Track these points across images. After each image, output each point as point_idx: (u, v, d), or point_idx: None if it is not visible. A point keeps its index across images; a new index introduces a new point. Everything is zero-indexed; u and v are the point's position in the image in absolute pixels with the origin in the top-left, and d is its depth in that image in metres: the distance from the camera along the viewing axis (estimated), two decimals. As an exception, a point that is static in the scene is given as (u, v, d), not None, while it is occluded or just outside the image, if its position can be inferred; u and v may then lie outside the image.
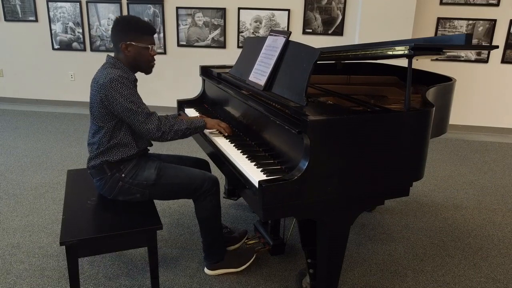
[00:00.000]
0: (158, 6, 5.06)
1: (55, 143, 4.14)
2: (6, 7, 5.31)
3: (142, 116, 1.83)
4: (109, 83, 1.78)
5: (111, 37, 1.93)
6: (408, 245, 2.52)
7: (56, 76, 5.56)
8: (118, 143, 1.89)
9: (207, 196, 1.99)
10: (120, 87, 1.79)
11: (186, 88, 5.38)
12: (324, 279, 1.82)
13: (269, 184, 1.44)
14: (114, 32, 1.90)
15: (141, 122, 1.84)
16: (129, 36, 1.87)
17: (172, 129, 1.91)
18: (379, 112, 1.66)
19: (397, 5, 4.49)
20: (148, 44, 1.91)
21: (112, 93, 1.78)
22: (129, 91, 1.81)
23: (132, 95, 1.82)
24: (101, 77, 1.82)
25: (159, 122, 1.88)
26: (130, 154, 1.91)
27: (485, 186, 3.48)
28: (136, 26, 1.89)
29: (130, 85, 1.83)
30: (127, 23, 1.89)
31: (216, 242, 2.09)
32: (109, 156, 1.89)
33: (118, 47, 1.90)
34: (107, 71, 1.83)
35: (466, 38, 1.87)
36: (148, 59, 1.94)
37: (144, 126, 1.85)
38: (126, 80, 1.82)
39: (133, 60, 1.92)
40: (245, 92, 2.12)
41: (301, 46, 1.86)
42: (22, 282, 2.05)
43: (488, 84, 4.99)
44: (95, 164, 1.91)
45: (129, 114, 1.82)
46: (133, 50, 1.89)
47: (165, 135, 1.90)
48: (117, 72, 1.82)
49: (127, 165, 1.92)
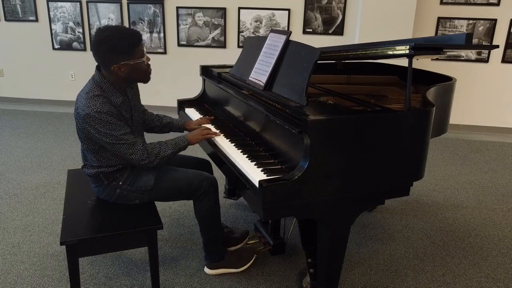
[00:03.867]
0: (158, 6, 5.06)
1: (55, 143, 4.14)
2: (6, 7, 5.31)
3: (124, 147, 1.77)
4: (86, 118, 1.70)
5: (97, 57, 1.76)
6: (408, 245, 2.52)
7: (57, 76, 5.56)
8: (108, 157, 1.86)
9: (206, 196, 1.99)
10: (97, 123, 1.70)
11: (186, 88, 5.38)
12: (325, 279, 1.82)
13: (270, 184, 1.44)
14: (100, 54, 1.74)
15: (123, 153, 1.78)
16: (120, 57, 1.73)
17: (158, 157, 1.86)
18: (380, 112, 1.66)
19: (397, 4, 4.48)
20: (140, 56, 1.78)
21: (89, 128, 1.72)
22: (106, 126, 1.71)
23: (111, 129, 1.72)
24: (80, 105, 1.72)
25: (144, 151, 1.81)
26: (124, 163, 1.90)
27: (485, 185, 3.47)
28: (123, 43, 1.71)
29: (108, 118, 1.71)
30: (112, 43, 1.70)
31: (216, 242, 2.09)
32: (103, 168, 1.88)
33: (109, 69, 1.76)
34: (87, 101, 1.71)
35: (466, 37, 1.87)
36: (144, 69, 1.83)
37: (128, 156, 1.80)
38: (104, 114, 1.70)
39: (128, 76, 1.80)
40: (245, 91, 2.12)
41: (302, 46, 1.86)
42: (22, 282, 2.05)
43: (489, 83, 4.99)
44: (90, 173, 1.90)
45: (110, 147, 1.77)
46: (127, 69, 1.77)
47: (151, 163, 1.85)
48: (96, 104, 1.70)
49: (123, 173, 1.91)
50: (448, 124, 2.46)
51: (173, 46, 5.24)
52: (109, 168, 1.88)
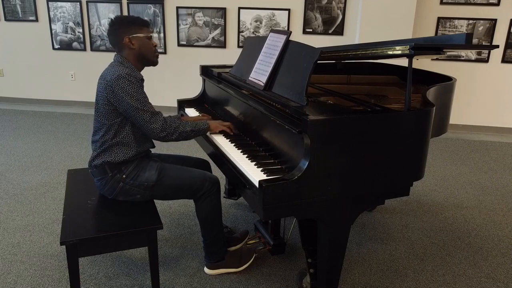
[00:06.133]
0: (158, 6, 5.06)
1: (55, 143, 4.14)
2: (6, 7, 5.31)
3: (147, 115, 1.85)
4: (116, 81, 1.80)
5: (111, 38, 1.94)
6: (408, 245, 2.52)
7: (57, 76, 5.56)
8: (120, 141, 1.89)
9: (208, 196, 1.99)
10: (128, 85, 1.81)
11: (186, 88, 5.38)
12: (325, 279, 1.82)
13: (270, 184, 1.44)
14: (114, 31, 1.91)
15: (146, 121, 1.85)
16: (131, 30, 1.90)
17: (176, 131, 1.92)
18: (380, 111, 1.66)
19: (397, 4, 4.48)
20: (149, 34, 1.95)
21: (119, 90, 1.80)
22: (135, 90, 1.82)
23: (139, 94, 1.83)
24: (109, 74, 1.84)
25: (164, 122, 1.89)
26: (131, 155, 1.91)
27: (485, 185, 3.47)
28: (134, 20, 1.92)
29: (137, 83, 1.84)
30: (124, 19, 1.91)
31: (217, 242, 2.09)
32: (111, 157, 1.89)
33: (122, 44, 1.91)
34: (115, 69, 1.84)
35: (466, 37, 1.87)
36: (152, 48, 1.97)
37: (149, 125, 1.86)
38: (134, 78, 1.83)
39: (139, 53, 1.93)
40: (245, 91, 2.12)
41: (302, 46, 1.86)
42: (22, 282, 2.05)
43: (489, 83, 4.99)
44: (96, 164, 1.91)
45: (134, 113, 1.83)
46: (138, 42, 1.91)
47: (169, 136, 1.91)
48: (125, 70, 1.84)
49: (128, 166, 1.92)
50: (448, 124, 2.46)
51: (173, 46, 5.24)
52: (116, 157, 1.88)
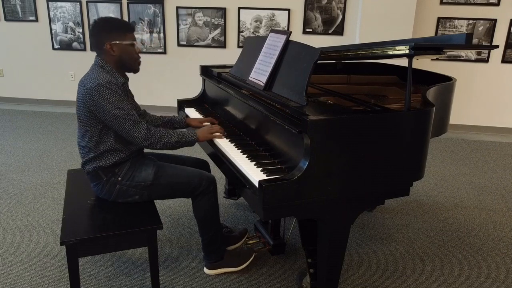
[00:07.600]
0: (158, 6, 5.06)
1: (55, 143, 4.14)
2: (6, 7, 5.31)
3: (128, 124, 1.79)
4: (97, 89, 1.73)
5: (93, 40, 1.87)
6: (408, 245, 2.52)
7: (56, 76, 5.56)
8: (107, 149, 1.86)
9: (205, 195, 1.99)
10: (108, 93, 1.74)
11: (186, 88, 5.38)
12: (325, 279, 1.82)
13: (270, 184, 1.44)
14: (95, 33, 1.85)
15: (127, 130, 1.80)
16: (112, 36, 1.83)
17: (161, 141, 1.87)
18: (379, 111, 1.66)
19: (397, 4, 4.48)
20: (132, 40, 1.89)
21: (99, 99, 1.74)
22: (116, 98, 1.76)
23: (120, 102, 1.77)
24: (89, 81, 1.77)
25: (147, 132, 1.83)
26: (122, 157, 1.90)
27: (485, 185, 3.47)
28: (117, 24, 1.85)
29: (118, 90, 1.78)
30: (106, 24, 1.84)
31: (215, 241, 2.09)
32: (102, 162, 1.87)
33: (103, 49, 1.84)
34: (96, 75, 1.78)
35: (466, 37, 1.87)
36: (134, 56, 1.90)
37: (131, 134, 1.81)
38: (114, 86, 1.77)
39: (119, 59, 1.87)
40: (245, 91, 2.12)
41: (302, 46, 1.86)
42: (22, 282, 2.05)
43: (488, 83, 4.99)
44: (89, 169, 1.90)
45: (116, 121, 1.78)
46: (119, 49, 1.85)
47: (153, 145, 1.86)
48: (105, 76, 1.77)
49: (122, 168, 1.91)
50: (448, 124, 2.46)
51: (173, 46, 5.24)
52: (107, 161, 1.87)
